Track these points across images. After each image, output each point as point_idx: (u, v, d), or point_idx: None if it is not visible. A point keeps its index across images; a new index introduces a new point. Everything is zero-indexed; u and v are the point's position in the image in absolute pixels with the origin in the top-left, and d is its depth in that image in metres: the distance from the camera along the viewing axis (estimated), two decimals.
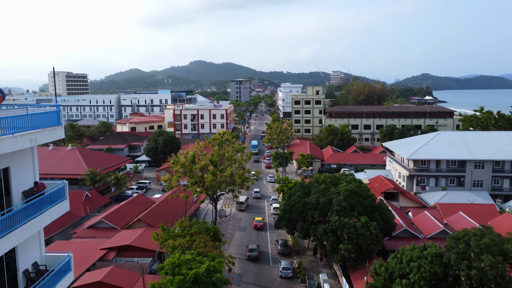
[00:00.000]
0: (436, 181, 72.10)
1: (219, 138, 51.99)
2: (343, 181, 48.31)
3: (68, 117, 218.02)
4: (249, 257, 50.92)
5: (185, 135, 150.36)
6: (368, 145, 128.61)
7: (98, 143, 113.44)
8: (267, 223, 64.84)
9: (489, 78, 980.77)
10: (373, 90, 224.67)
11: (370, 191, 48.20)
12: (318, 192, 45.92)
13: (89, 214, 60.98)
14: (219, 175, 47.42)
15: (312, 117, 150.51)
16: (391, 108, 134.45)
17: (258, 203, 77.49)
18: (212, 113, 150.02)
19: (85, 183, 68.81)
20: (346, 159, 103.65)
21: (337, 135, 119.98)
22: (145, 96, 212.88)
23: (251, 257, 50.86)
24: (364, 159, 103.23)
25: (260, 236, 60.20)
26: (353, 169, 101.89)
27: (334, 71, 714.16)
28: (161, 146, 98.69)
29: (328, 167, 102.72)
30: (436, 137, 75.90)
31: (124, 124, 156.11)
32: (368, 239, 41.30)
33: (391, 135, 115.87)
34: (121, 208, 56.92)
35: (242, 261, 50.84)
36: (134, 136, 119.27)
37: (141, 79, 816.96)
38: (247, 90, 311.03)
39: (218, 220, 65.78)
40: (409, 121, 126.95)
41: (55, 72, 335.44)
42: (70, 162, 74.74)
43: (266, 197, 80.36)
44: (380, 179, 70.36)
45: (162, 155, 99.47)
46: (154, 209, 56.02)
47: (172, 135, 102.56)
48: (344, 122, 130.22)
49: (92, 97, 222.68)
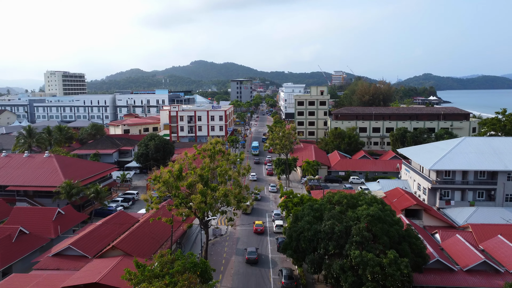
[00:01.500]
0: (463, 194, 63.00)
1: (211, 149, 42.94)
2: (362, 201, 39.27)
3: (61, 118, 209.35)
4: (248, 260, 50.09)
5: (181, 138, 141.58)
6: (378, 149, 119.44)
7: (86, 148, 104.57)
8: (267, 228, 60.19)
9: (492, 78, 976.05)
10: (379, 90, 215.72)
11: (395, 214, 39.13)
12: (332, 218, 36.90)
13: (61, 236, 52.07)
14: (209, 195, 38.44)
15: (317, 118, 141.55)
16: (401, 110, 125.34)
17: (258, 205, 74.49)
18: (210, 115, 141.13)
19: (60, 197, 59.90)
20: (355, 166, 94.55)
21: (344, 139, 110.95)
22: (141, 97, 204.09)
23: (250, 260, 50.01)
24: (375, 166, 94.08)
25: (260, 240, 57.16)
26: (363, 177, 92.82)
27: (336, 71, 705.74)
28: (152, 151, 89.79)
29: (336, 174, 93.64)
30: (461, 144, 66.74)
31: (117, 126, 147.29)
32: (398, 280, 32.31)
33: (402, 139, 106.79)
34: (95, 231, 47.94)
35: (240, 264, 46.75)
36: (125, 140, 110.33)
37: (142, 79, 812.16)
38: (248, 90, 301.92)
39: (212, 241, 56.86)
40: (422, 124, 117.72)
41: (51, 72, 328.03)
42: (45, 172, 65.80)
43: (267, 211, 71.31)
44: (398, 193, 61.24)
45: (153, 161, 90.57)
46: (134, 232, 47.06)
47: (165, 139, 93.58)
48: (351, 124, 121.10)
49: (86, 97, 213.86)
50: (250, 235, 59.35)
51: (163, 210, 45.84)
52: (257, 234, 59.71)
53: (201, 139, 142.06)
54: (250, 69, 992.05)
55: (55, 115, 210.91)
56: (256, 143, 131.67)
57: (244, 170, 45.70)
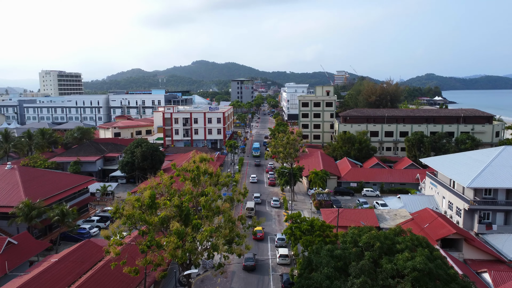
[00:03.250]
0: (506, 217, 52.01)
1: (194, 170, 32.03)
2: (402, 245, 28.30)
3: (53, 120, 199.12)
4: (245, 266, 47.59)
5: (176, 142, 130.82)
6: (390, 155, 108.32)
7: (66, 154, 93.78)
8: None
9: (495, 78, 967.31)
10: (386, 91, 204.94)
11: (448, 266, 28.16)
12: (362, 272, 26.03)
13: (8, 274, 41.30)
14: (189, 237, 27.64)
15: (322, 121, 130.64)
16: (417, 112, 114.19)
17: (259, 208, 71.16)
18: (207, 117, 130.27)
19: (16, 220, 49.16)
20: (368, 176, 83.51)
21: (354, 144, 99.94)
22: (136, 97, 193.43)
23: (246, 267, 47.50)
24: (391, 176, 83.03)
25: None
26: (377, 188, 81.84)
27: (338, 71, 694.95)
28: (139, 159, 79.03)
29: (346, 186, 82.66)
30: (502, 155, 55.74)
31: (107, 129, 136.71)
32: None
33: (419, 144, 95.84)
34: (48, 271, 37.13)
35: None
36: (111, 145, 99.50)
37: (143, 79, 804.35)
38: (249, 90, 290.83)
39: (201, 276, 45.95)
40: (439, 127, 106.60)
41: (46, 72, 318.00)
42: (3, 188, 55.04)
43: (269, 233, 60.36)
44: (429, 215, 50.23)
45: (140, 171, 79.85)
46: (96, 274, 36.26)
47: (154, 146, 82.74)
48: (361, 128, 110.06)
49: (78, 97, 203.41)
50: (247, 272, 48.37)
51: (131, 250, 34.93)
52: (256, 241, 55.91)
53: (197, 143, 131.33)
54: (252, 69, 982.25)
55: (46, 117, 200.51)
56: (257, 144, 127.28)
57: (240, 195, 34.76)
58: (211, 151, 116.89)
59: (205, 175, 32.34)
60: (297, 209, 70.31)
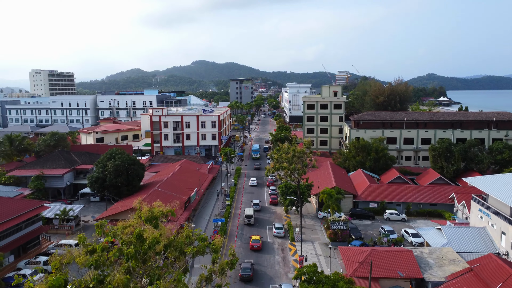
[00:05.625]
0: None
1: (135, 243, 17.33)
2: None
3: (37, 122, 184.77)
4: (242, 277, 43.80)
5: (166, 148, 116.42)
6: (411, 166, 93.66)
7: (31, 166, 78.93)
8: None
9: (496, 78, 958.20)
10: (395, 91, 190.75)
11: None
12: None
13: None
14: None
15: (330, 125, 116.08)
16: (441, 116, 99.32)
17: (258, 215, 67.34)
18: (200, 120, 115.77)
19: None
20: (390, 194, 68.87)
21: (370, 154, 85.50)
22: (126, 98, 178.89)
23: (243, 278, 43.73)
24: (418, 194, 68.33)
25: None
26: (402, 210, 67.25)
27: (339, 71, 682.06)
28: (111, 175, 64.41)
29: (364, 206, 68.02)
30: None
31: (89, 133, 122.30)
32: None
33: (447, 154, 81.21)
34: None
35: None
36: (85, 155, 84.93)
37: (142, 79, 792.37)
38: (249, 90, 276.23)
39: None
40: (467, 134, 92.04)
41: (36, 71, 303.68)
42: None
43: (271, 278, 45.76)
44: (497, 267, 35.55)
45: (113, 188, 65.30)
46: None
47: (131, 158, 67.96)
48: (376, 134, 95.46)
49: (64, 98, 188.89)
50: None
51: None
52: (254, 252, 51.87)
53: (189, 150, 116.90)
54: (252, 69, 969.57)
55: (30, 119, 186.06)
56: (256, 146, 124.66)
57: (225, 265, 20.19)
58: (204, 160, 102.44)
59: (154, 247, 17.62)
60: (306, 239, 55.84)
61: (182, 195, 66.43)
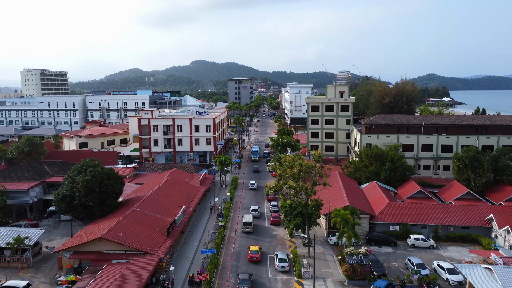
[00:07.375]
0: None
1: None
2: None
3: (22, 124, 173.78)
4: None
5: (156, 154, 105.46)
6: (430, 176, 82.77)
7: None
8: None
9: (497, 78, 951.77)
10: (401, 91, 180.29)
11: None
12: None
13: None
14: None
15: (337, 129, 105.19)
16: (463, 119, 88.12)
17: (256, 221, 64.13)
18: (193, 124, 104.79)
19: None
20: (414, 215, 57.76)
21: (385, 163, 74.60)
22: (117, 98, 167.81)
23: None
24: (447, 214, 57.23)
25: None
26: (429, 234, 56.26)
27: (340, 71, 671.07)
28: (81, 193, 53.38)
29: (384, 229, 57.01)
30: None
31: (71, 138, 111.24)
32: None
33: (474, 164, 70.32)
34: None
35: None
36: (59, 165, 73.82)
37: (140, 79, 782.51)
38: (248, 90, 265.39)
39: None
40: (494, 140, 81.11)
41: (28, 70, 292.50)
42: None
43: None
44: None
45: (83, 208, 54.31)
46: None
47: (106, 172, 56.74)
48: (391, 140, 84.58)
49: (51, 99, 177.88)
50: None
51: None
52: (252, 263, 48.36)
53: (182, 156, 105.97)
54: (252, 69, 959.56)
55: (15, 120, 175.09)
56: (256, 148, 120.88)
57: None
58: (197, 169, 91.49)
59: None
60: (316, 275, 44.87)
61: (166, 216, 55.57)
